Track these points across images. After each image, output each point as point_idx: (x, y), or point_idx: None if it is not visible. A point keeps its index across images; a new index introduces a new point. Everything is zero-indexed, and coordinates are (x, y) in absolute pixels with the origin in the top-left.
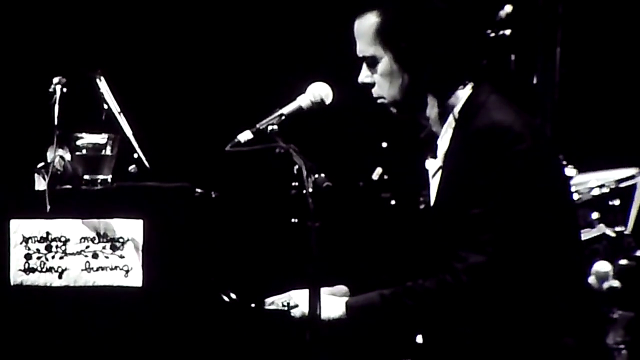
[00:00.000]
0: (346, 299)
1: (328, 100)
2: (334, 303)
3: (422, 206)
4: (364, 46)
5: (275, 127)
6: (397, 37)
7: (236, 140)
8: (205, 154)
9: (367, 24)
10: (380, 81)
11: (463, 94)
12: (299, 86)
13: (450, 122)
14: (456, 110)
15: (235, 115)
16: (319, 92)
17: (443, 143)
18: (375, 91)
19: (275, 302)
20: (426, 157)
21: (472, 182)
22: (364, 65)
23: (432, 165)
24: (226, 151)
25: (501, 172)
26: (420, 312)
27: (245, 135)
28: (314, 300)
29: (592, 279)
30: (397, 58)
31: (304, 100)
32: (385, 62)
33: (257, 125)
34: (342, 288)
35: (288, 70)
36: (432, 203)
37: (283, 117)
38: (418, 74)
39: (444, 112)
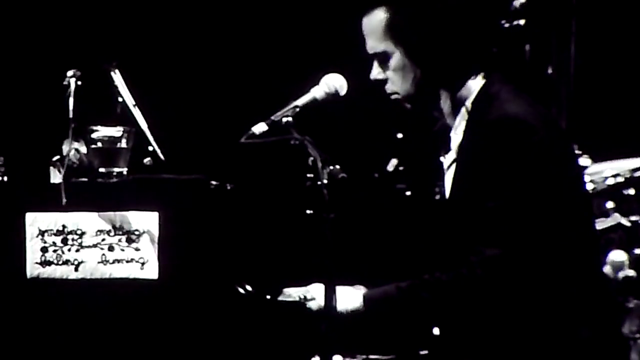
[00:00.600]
0: (364, 290)
1: (342, 92)
2: (351, 295)
3: (437, 197)
4: (375, 42)
5: (290, 118)
6: (407, 31)
7: (251, 132)
8: (220, 146)
9: (376, 20)
10: (393, 77)
11: (475, 85)
12: (314, 77)
13: (463, 115)
14: (468, 102)
15: (250, 107)
16: (333, 83)
17: (456, 136)
18: (388, 87)
19: (292, 294)
20: (440, 150)
21: (486, 174)
22: (375, 62)
23: (447, 158)
24: (241, 143)
25: (515, 164)
26: (436, 305)
27: (259, 127)
28: (329, 291)
29: (607, 269)
30: (408, 52)
31: (318, 92)
32: (396, 58)
33: (272, 117)
34: (360, 288)
35: (302, 62)
36: (447, 196)
37: (297, 109)
38: (430, 67)
39: (456, 105)
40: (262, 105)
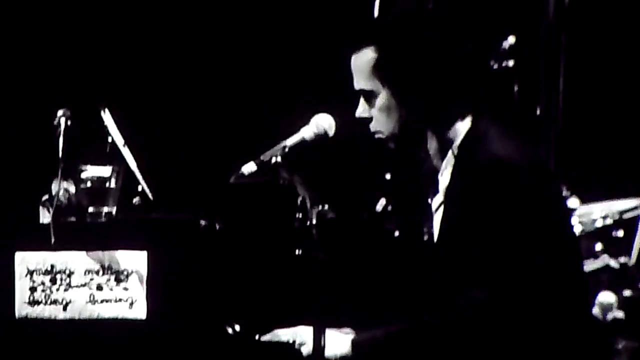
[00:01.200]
0: (352, 336)
1: (331, 132)
2: (339, 340)
3: (425, 238)
4: (362, 81)
5: (279, 158)
6: (394, 72)
7: (240, 172)
8: (209, 186)
9: (364, 59)
10: (378, 116)
11: (462, 127)
12: (303, 116)
13: (450, 157)
14: (456, 144)
15: (239, 147)
16: (322, 123)
17: (444, 178)
18: (373, 125)
19: (281, 336)
20: (428, 192)
21: (474, 218)
22: (361, 100)
23: (434, 200)
24: (230, 183)
25: (503, 208)
26: (425, 350)
27: (249, 167)
28: (318, 332)
29: (596, 310)
30: (395, 93)
31: (307, 132)
32: (383, 97)
33: (261, 157)
34: (348, 332)
35: (292, 102)
36: (435, 238)
37: (286, 149)
38: (416, 109)
39: (443, 146)
40: (251, 144)
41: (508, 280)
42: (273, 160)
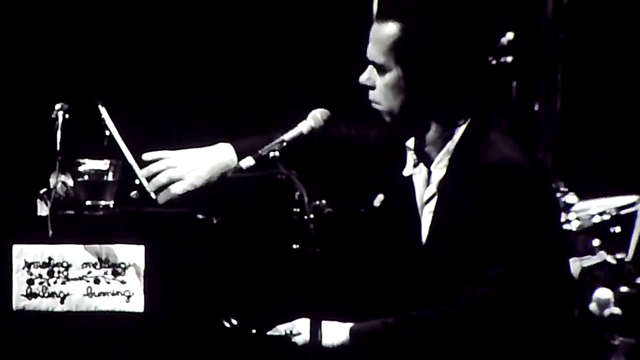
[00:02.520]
0: (350, 324)
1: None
2: (337, 329)
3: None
4: (377, 53)
5: (277, 153)
6: (414, 56)
7: (238, 166)
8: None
9: (386, 32)
10: (383, 90)
11: (462, 123)
12: (300, 111)
13: (448, 150)
14: (455, 138)
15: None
16: (320, 117)
17: (438, 171)
18: (373, 94)
19: (278, 329)
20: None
21: (478, 215)
22: (370, 67)
23: (426, 192)
24: (228, 177)
25: (509, 206)
26: (421, 344)
27: (247, 162)
28: (315, 327)
29: (593, 306)
30: (407, 77)
31: (305, 126)
32: (393, 75)
33: (259, 152)
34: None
35: (288, 95)
36: (424, 232)
37: (284, 143)
38: (421, 98)
39: (442, 138)
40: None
41: (511, 278)
42: (271, 154)
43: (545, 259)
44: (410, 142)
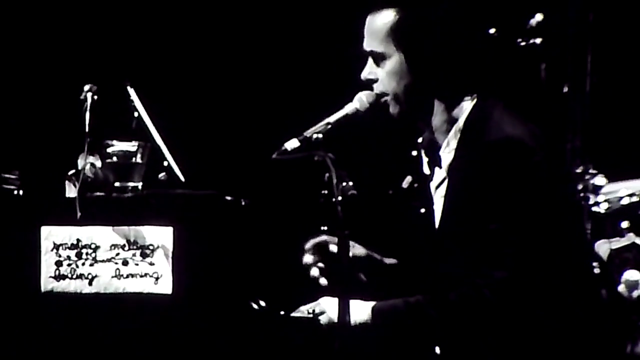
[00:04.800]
0: (373, 303)
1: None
2: (360, 307)
3: (421, 210)
4: (375, 42)
5: (320, 135)
6: (412, 38)
7: (283, 148)
8: (235, 161)
9: (382, 20)
10: (385, 78)
11: (467, 105)
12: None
13: (455, 133)
14: (461, 121)
15: (264, 123)
16: (365, 100)
17: (447, 154)
18: (377, 87)
19: (301, 309)
20: (427, 165)
21: (487, 196)
22: (369, 61)
23: (436, 176)
24: (273, 159)
25: (518, 185)
26: (441, 324)
27: (292, 144)
28: (344, 309)
29: (622, 288)
30: (409, 59)
31: (350, 108)
32: (394, 61)
33: (304, 134)
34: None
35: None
36: (436, 214)
37: (329, 126)
38: (426, 78)
39: (447, 122)
40: (277, 121)
41: (526, 258)
42: (314, 137)
43: (561, 235)
44: (419, 139)
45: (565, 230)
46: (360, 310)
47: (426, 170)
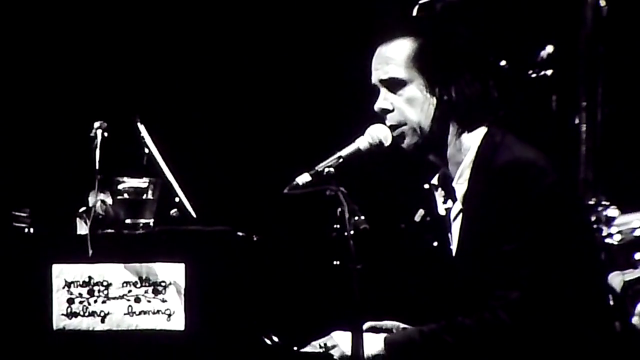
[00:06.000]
0: (384, 335)
1: (387, 142)
2: (372, 340)
3: (435, 243)
4: (394, 69)
5: (332, 169)
6: (434, 62)
7: (294, 182)
8: (246, 197)
9: (400, 47)
10: (403, 106)
11: (478, 135)
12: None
13: (467, 163)
14: (473, 151)
15: (274, 159)
16: (377, 134)
17: (460, 185)
18: (392, 117)
19: (312, 344)
20: (441, 200)
21: (500, 219)
22: (383, 91)
23: (453, 209)
24: (284, 194)
25: (530, 206)
26: (459, 349)
27: (303, 178)
28: (357, 343)
29: (636, 320)
30: (430, 84)
31: (362, 142)
32: (413, 87)
33: (316, 168)
34: (392, 323)
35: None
36: (454, 247)
37: (341, 160)
38: (445, 102)
39: (461, 152)
40: (287, 155)
41: (540, 279)
42: (326, 170)
43: (576, 257)
44: (434, 180)
45: (580, 252)
46: (373, 343)
47: (441, 206)
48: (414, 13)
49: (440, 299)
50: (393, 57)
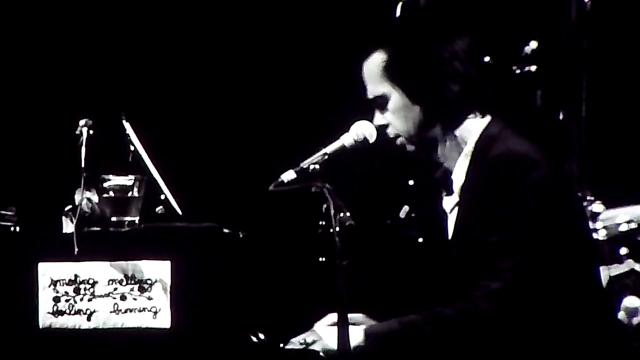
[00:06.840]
0: (364, 326)
1: (372, 139)
2: (352, 332)
3: (420, 239)
4: (374, 86)
5: (317, 166)
6: (404, 69)
7: (279, 180)
8: (232, 193)
9: (374, 63)
10: (393, 119)
11: (475, 127)
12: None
13: (464, 156)
14: (470, 144)
15: (260, 155)
16: (362, 130)
17: (458, 177)
18: (390, 131)
19: (292, 341)
20: (442, 196)
21: (489, 209)
22: (376, 110)
23: (449, 202)
24: (269, 191)
25: (518, 199)
26: (439, 339)
27: (288, 175)
28: (344, 339)
29: (621, 315)
30: (406, 91)
31: (347, 139)
32: (395, 99)
33: (301, 165)
34: (360, 316)
35: (311, 110)
36: (450, 238)
37: (326, 156)
38: (428, 105)
39: (454, 146)
40: (272, 153)
41: (523, 271)
42: (312, 167)
43: (563, 251)
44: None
45: (569, 247)
46: (353, 335)
47: (445, 203)
48: (397, 13)
49: (427, 294)
50: (369, 74)
